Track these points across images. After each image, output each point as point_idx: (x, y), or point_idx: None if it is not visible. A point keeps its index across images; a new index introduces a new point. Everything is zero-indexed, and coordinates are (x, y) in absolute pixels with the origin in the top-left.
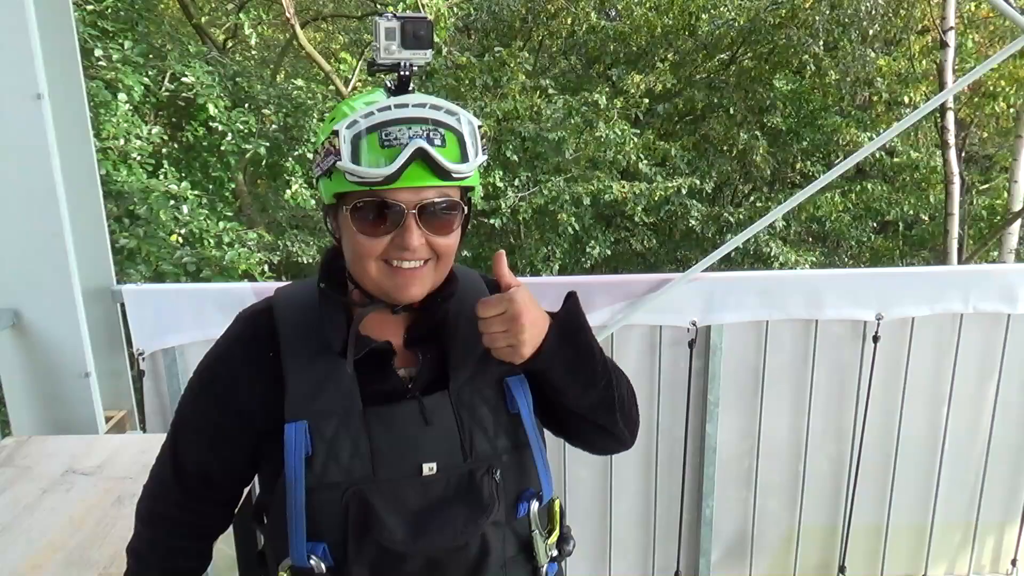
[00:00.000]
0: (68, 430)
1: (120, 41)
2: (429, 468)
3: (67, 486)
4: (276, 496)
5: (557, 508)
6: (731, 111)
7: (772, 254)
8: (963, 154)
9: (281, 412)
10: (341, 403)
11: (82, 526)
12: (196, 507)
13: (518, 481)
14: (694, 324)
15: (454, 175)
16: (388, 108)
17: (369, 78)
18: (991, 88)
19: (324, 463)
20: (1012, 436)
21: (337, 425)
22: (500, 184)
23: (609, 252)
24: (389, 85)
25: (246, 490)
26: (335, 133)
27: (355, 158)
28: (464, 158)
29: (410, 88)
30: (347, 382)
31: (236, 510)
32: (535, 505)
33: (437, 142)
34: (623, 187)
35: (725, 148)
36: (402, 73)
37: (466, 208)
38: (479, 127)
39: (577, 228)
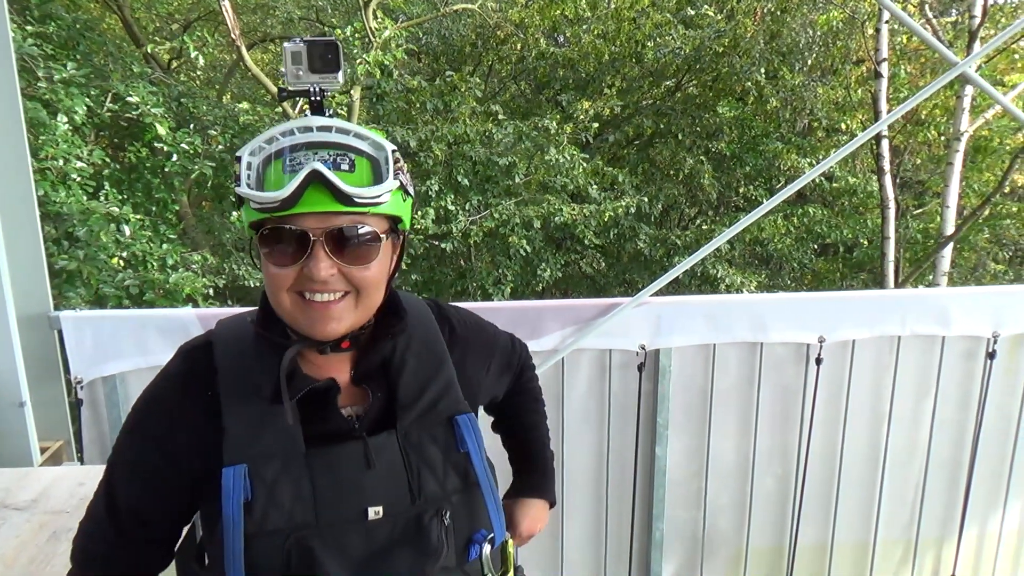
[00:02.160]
0: (1, 462)
1: (62, 62)
2: (375, 512)
3: None
4: (214, 542)
5: (511, 549)
6: (679, 136)
7: (718, 276)
8: (898, 180)
9: (219, 454)
10: (282, 445)
11: (14, 565)
12: (131, 547)
13: (469, 523)
14: (643, 348)
15: (356, 200)
16: (292, 133)
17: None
18: (923, 117)
19: (264, 509)
20: (948, 454)
21: (278, 468)
22: (452, 208)
23: (560, 274)
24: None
25: (186, 529)
26: (237, 159)
27: (259, 184)
28: (377, 182)
29: (328, 114)
30: (289, 423)
31: (177, 549)
32: (487, 548)
33: (344, 167)
34: (573, 209)
35: (672, 172)
36: (313, 99)
37: (386, 238)
38: (393, 151)
39: (528, 251)
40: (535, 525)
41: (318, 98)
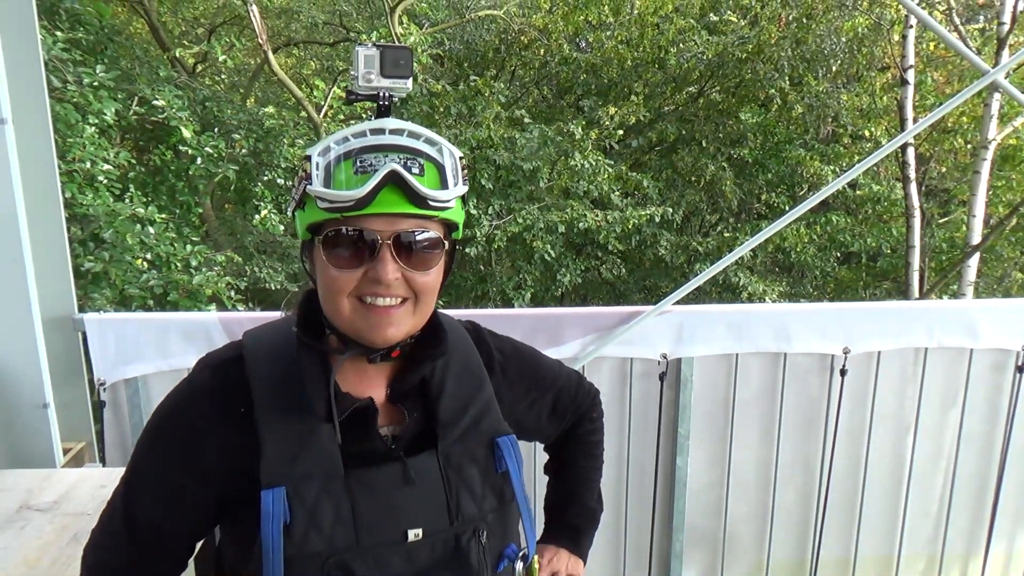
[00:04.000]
0: (24, 463)
1: (91, 66)
2: (415, 534)
3: (22, 523)
4: (251, 563)
5: (536, 565)
6: (702, 143)
7: (740, 284)
8: (923, 188)
9: (253, 475)
10: (321, 466)
11: (36, 566)
12: (147, 561)
13: (501, 540)
14: (664, 357)
15: (431, 202)
16: (364, 134)
17: (344, 106)
18: (950, 125)
19: (304, 531)
20: (975, 468)
21: (318, 490)
22: (475, 212)
23: (579, 280)
24: (368, 116)
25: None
26: (307, 158)
27: (328, 183)
28: (443, 188)
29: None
30: (327, 443)
31: (195, 558)
32: (520, 566)
33: (415, 170)
34: (597, 216)
35: (693, 179)
36: (381, 103)
37: (447, 246)
38: (460, 158)
39: (552, 256)
40: (554, 568)
41: (386, 103)
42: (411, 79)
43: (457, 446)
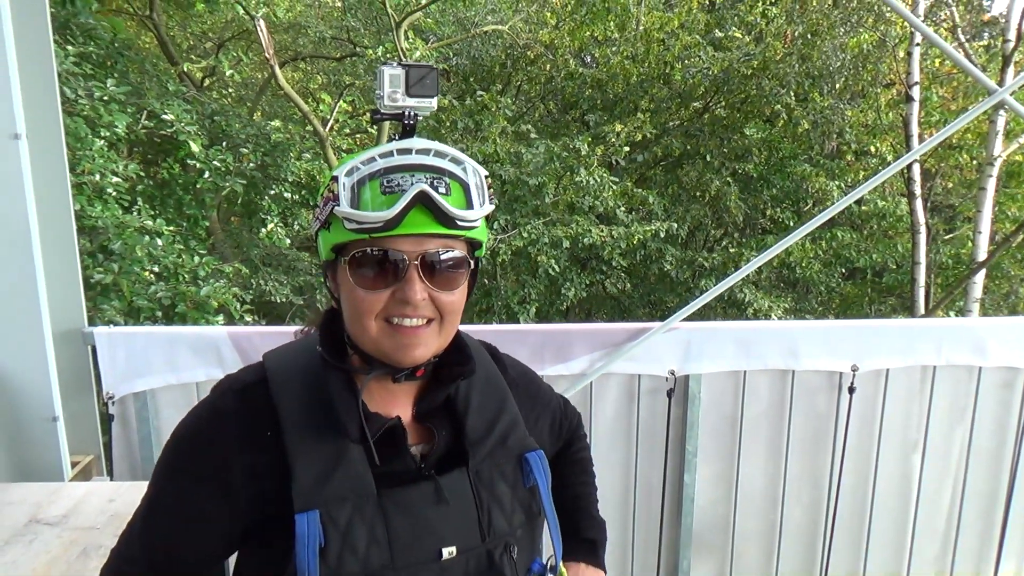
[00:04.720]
0: (32, 476)
1: (102, 80)
2: (449, 552)
3: (30, 537)
4: None
5: (564, 571)
6: (707, 158)
7: (746, 300)
8: (928, 204)
9: (281, 498)
10: (354, 488)
11: None
12: None
13: (529, 554)
14: (672, 373)
15: (459, 222)
16: (391, 154)
17: (349, 119)
18: (955, 141)
19: (339, 554)
20: (984, 487)
21: (351, 512)
22: None
23: (584, 294)
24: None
25: None
26: (335, 179)
27: (355, 204)
28: (469, 207)
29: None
30: (359, 465)
31: None
32: None
33: (441, 190)
34: (602, 231)
35: (698, 194)
36: (406, 122)
37: (472, 265)
38: (485, 176)
39: (556, 271)
40: None
41: (412, 122)
42: (436, 97)
43: (486, 462)
